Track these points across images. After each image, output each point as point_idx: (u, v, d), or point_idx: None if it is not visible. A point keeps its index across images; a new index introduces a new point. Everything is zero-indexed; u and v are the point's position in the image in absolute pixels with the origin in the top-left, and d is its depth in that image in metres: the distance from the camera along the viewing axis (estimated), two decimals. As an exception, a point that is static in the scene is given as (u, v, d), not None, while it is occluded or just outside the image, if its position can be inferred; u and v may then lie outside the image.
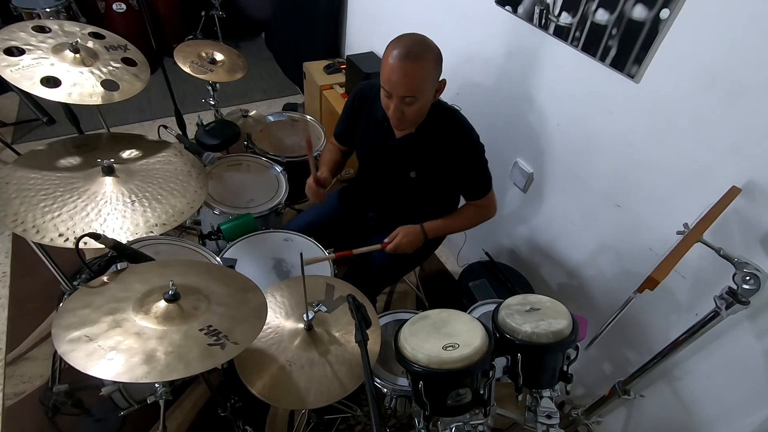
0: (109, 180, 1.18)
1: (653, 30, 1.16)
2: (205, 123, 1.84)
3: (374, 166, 1.52)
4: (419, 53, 1.14)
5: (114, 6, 2.92)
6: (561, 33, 1.42)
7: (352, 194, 1.66)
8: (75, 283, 1.40)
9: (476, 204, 1.46)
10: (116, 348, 0.79)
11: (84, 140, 1.33)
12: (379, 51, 2.44)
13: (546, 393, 1.00)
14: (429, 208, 1.48)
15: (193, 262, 1.14)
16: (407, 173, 1.40)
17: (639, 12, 1.18)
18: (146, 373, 0.76)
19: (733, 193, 1.06)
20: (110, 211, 1.12)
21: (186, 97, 3.15)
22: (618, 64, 1.28)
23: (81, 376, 0.76)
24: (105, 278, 0.96)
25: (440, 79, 1.23)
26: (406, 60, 1.12)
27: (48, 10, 2.42)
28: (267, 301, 1.00)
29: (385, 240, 1.41)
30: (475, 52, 1.82)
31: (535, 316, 1.01)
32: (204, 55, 1.89)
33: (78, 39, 1.35)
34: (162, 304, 0.89)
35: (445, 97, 1.37)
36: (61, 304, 1.30)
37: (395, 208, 1.56)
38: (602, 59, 1.31)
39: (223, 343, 0.84)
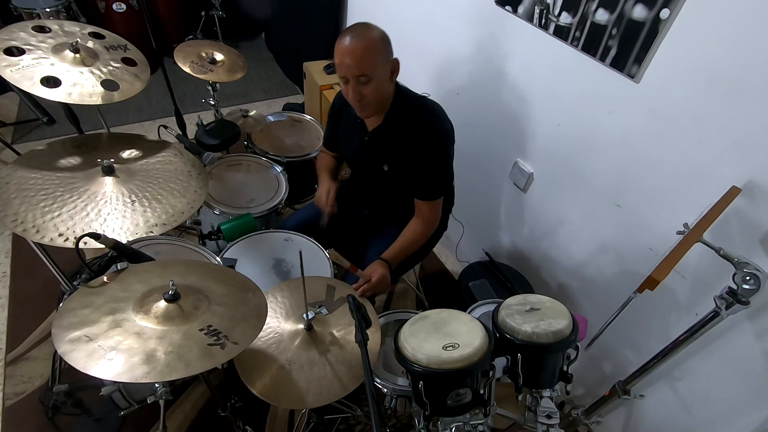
0: (109, 180, 1.18)
1: (653, 30, 1.16)
2: (205, 123, 1.84)
3: (356, 164, 1.54)
4: (363, 33, 1.21)
5: (114, 6, 2.92)
6: (561, 33, 1.41)
7: (346, 193, 1.66)
8: (75, 283, 1.40)
9: (420, 217, 1.42)
10: (116, 348, 0.80)
11: (84, 140, 1.33)
12: (379, 51, 2.44)
13: (546, 393, 1.00)
14: (408, 202, 1.45)
15: (193, 262, 1.14)
16: (381, 167, 1.40)
17: (639, 12, 1.18)
18: (146, 373, 0.76)
19: (733, 193, 1.06)
20: (110, 211, 1.12)
21: (186, 97, 3.15)
22: (618, 64, 1.28)
23: (81, 376, 0.76)
24: (105, 278, 0.96)
25: (393, 58, 1.27)
26: (353, 40, 1.19)
27: (48, 10, 2.41)
28: (267, 301, 1.00)
29: (358, 284, 1.33)
30: (475, 52, 1.82)
31: (535, 316, 1.01)
32: (204, 55, 1.89)
33: (78, 39, 1.35)
34: (162, 304, 0.89)
35: (445, 96, 1.38)
36: (61, 304, 1.30)
37: (381, 204, 1.57)
38: (602, 59, 1.31)
39: (223, 343, 0.84)
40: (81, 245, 0.96)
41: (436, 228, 1.47)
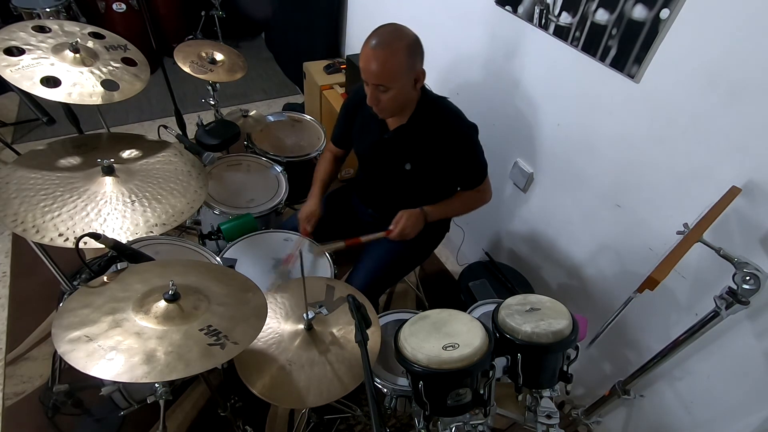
0: (109, 180, 1.18)
1: (653, 30, 1.16)
2: (205, 123, 1.84)
3: (371, 161, 1.54)
4: (390, 42, 1.16)
5: (114, 6, 2.92)
6: (561, 33, 1.41)
7: (351, 193, 1.66)
8: (75, 283, 1.40)
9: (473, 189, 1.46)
10: (116, 348, 0.80)
11: (84, 140, 1.33)
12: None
13: (546, 393, 1.00)
14: (426, 200, 1.48)
15: (193, 262, 1.14)
16: (402, 166, 1.40)
17: (639, 12, 1.18)
18: (146, 373, 0.76)
19: (733, 193, 1.06)
20: (110, 211, 1.12)
21: (186, 97, 3.15)
22: (618, 64, 1.28)
23: (81, 376, 0.76)
24: (105, 278, 0.96)
25: (419, 68, 1.24)
26: (378, 48, 1.16)
27: (48, 10, 2.41)
28: (267, 301, 1.00)
29: (389, 227, 1.40)
30: (476, 52, 1.82)
31: (535, 316, 1.01)
32: (204, 55, 1.89)
33: (78, 39, 1.35)
34: (162, 304, 0.89)
35: (446, 96, 1.38)
36: (61, 304, 1.30)
37: (394, 203, 1.57)
38: (602, 59, 1.31)
39: (223, 343, 0.84)
40: (81, 245, 0.96)
41: (441, 228, 1.47)
